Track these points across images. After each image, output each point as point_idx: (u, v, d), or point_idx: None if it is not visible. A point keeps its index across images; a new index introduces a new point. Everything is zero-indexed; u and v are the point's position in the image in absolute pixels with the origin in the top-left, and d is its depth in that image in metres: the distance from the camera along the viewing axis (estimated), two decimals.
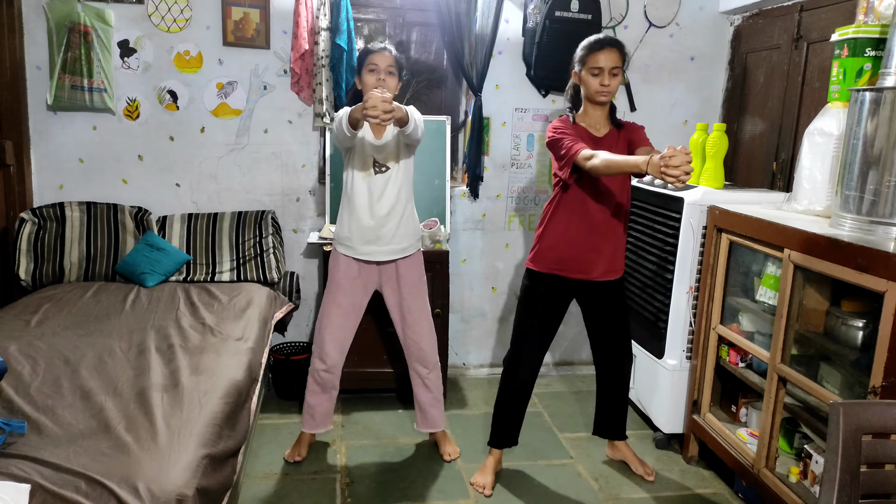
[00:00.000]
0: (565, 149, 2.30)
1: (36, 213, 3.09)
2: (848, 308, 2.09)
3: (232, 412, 2.02)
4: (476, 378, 3.71)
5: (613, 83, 2.35)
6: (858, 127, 2.04)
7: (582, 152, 2.24)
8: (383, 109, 2.14)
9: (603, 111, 2.44)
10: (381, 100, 2.14)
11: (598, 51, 2.33)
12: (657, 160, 1.93)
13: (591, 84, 2.35)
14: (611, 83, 2.34)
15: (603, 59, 2.32)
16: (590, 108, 2.44)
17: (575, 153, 2.25)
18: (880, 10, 2.26)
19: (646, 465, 2.75)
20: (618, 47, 2.35)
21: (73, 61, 3.08)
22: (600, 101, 2.38)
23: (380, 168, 2.50)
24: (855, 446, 1.40)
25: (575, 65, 2.42)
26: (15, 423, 1.70)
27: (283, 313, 3.20)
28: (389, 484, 2.62)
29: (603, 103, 2.40)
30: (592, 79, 2.35)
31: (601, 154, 2.18)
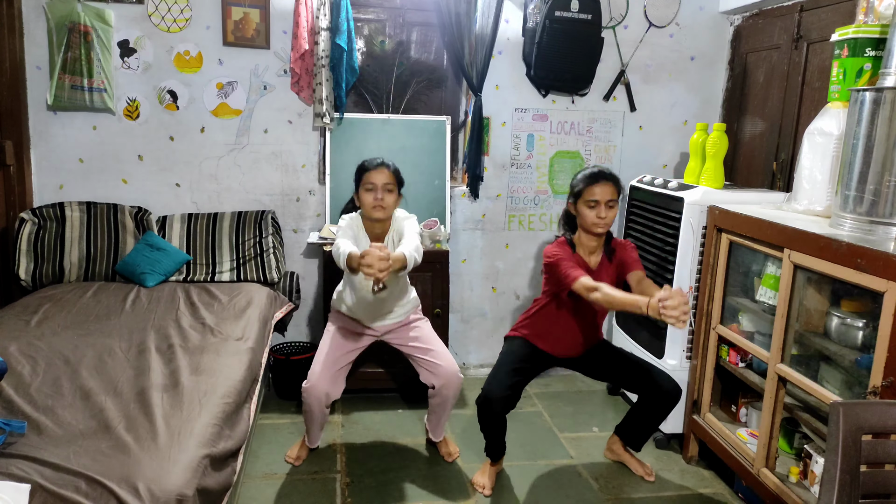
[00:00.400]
0: (565, 273, 2.36)
1: (36, 213, 3.09)
2: (848, 308, 2.09)
3: (232, 412, 2.02)
4: (476, 378, 3.71)
5: (609, 215, 2.42)
6: (858, 127, 2.04)
7: (583, 281, 2.30)
8: (379, 269, 2.16)
9: (598, 241, 2.52)
10: (377, 258, 2.15)
11: (594, 184, 2.41)
12: (655, 302, 2.03)
13: (588, 216, 2.42)
14: (607, 215, 2.41)
15: (599, 192, 2.40)
16: (584, 237, 2.50)
17: (574, 280, 2.32)
18: (880, 10, 2.26)
19: (645, 466, 2.75)
20: (613, 181, 2.44)
21: (73, 61, 3.08)
22: (597, 233, 2.45)
23: (381, 289, 2.49)
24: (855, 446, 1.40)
25: (570, 196, 2.51)
26: (15, 423, 1.70)
27: (283, 313, 3.20)
28: (389, 484, 2.62)
29: (599, 235, 2.47)
30: (589, 211, 2.42)
31: (604, 288, 2.25)
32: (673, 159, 3.75)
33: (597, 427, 3.15)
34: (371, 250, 2.18)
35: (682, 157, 3.73)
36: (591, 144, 3.66)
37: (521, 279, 3.75)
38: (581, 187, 2.44)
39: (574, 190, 2.48)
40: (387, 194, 2.49)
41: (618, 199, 2.45)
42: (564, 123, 3.61)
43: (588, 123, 3.63)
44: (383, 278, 2.19)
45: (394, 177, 2.51)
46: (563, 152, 3.65)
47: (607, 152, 3.69)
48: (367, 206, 2.49)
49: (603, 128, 3.65)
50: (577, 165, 3.67)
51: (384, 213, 2.50)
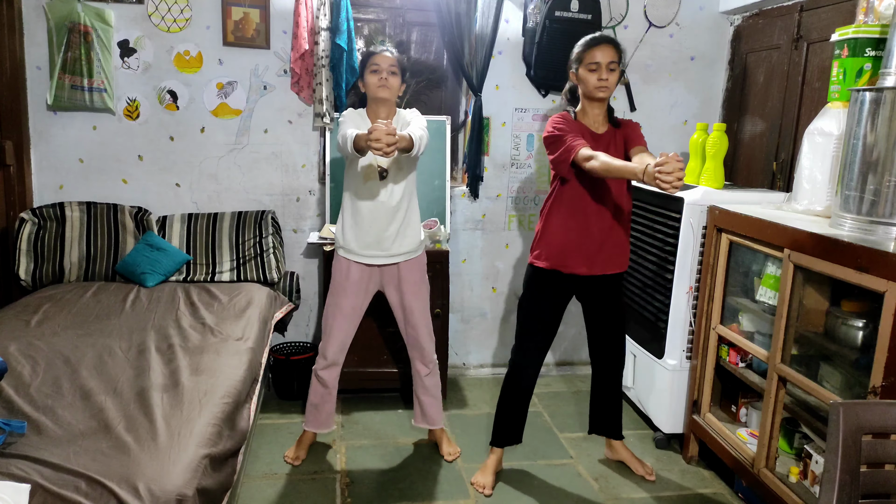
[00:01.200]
0: (565, 145, 2.31)
1: (36, 213, 3.09)
2: (848, 308, 2.10)
3: (232, 412, 2.02)
4: (476, 378, 3.71)
5: (611, 78, 2.36)
6: (858, 127, 2.04)
7: (582, 151, 2.26)
8: (387, 143, 2.15)
9: (601, 109, 2.46)
10: (384, 132, 2.15)
11: (595, 47, 2.36)
12: (651, 169, 1.98)
13: (590, 80, 2.37)
14: (609, 78, 2.35)
15: (600, 54, 2.34)
16: (588, 106, 2.45)
17: (574, 150, 2.28)
18: (880, 10, 2.26)
19: (645, 465, 2.75)
20: (613, 44, 2.38)
21: (73, 61, 3.08)
22: (599, 98, 2.39)
23: (383, 174, 2.49)
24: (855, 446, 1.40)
25: (572, 64, 2.44)
26: (15, 423, 1.70)
27: (283, 313, 3.20)
28: (389, 484, 2.62)
29: (602, 99, 2.41)
30: (590, 74, 2.36)
31: (601, 156, 2.20)
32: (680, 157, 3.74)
33: None
34: (377, 125, 2.17)
35: (682, 157, 3.72)
36: None
37: (521, 279, 3.73)
38: (582, 51, 2.39)
39: (575, 55, 2.42)
40: (391, 76, 2.50)
41: (619, 63, 2.38)
42: None
43: None
44: (391, 153, 2.17)
45: (398, 62, 2.53)
46: None
47: None
48: (373, 86, 2.50)
49: None
50: None
51: (389, 93, 2.50)
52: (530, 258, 2.58)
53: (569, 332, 3.79)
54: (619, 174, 2.17)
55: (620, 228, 2.49)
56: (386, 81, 2.48)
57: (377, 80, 2.48)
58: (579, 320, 2.82)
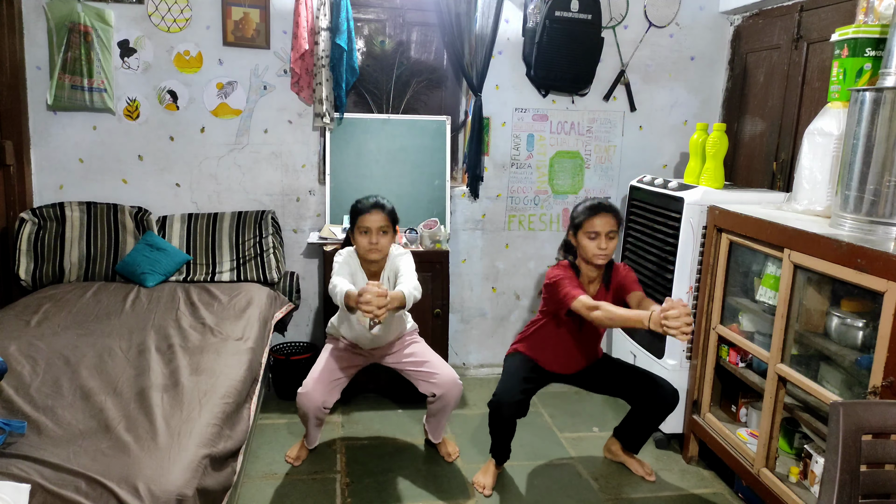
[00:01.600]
0: (565, 292, 2.38)
1: (36, 213, 3.09)
2: (848, 308, 2.09)
3: (232, 412, 2.02)
4: (476, 378, 3.71)
5: (610, 246, 2.43)
6: (858, 127, 2.04)
7: (583, 300, 2.32)
8: (378, 305, 2.17)
9: (598, 269, 2.53)
10: (375, 295, 2.16)
11: (595, 216, 2.42)
12: (658, 315, 2.05)
13: (589, 248, 2.43)
14: (608, 246, 2.42)
15: (599, 223, 2.41)
16: (584, 267, 2.52)
17: (574, 298, 2.34)
18: (880, 10, 2.25)
19: (645, 466, 2.75)
20: (613, 212, 2.45)
21: (73, 61, 3.08)
22: (597, 265, 2.46)
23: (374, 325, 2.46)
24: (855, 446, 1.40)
25: (570, 227, 2.52)
26: (15, 423, 1.70)
27: (283, 313, 3.20)
28: (389, 484, 2.62)
29: (600, 266, 2.48)
30: (590, 242, 2.43)
31: (605, 306, 2.27)
32: (673, 159, 3.75)
33: (597, 427, 3.15)
34: (369, 288, 2.18)
35: (682, 157, 3.73)
36: (591, 144, 3.66)
37: (521, 279, 3.75)
38: (581, 219, 2.45)
39: (574, 221, 2.49)
40: (381, 237, 2.50)
41: (618, 231, 2.46)
42: (564, 123, 3.61)
43: (588, 123, 3.63)
44: (382, 317, 2.20)
45: (388, 218, 2.52)
46: (563, 152, 3.65)
47: (607, 152, 3.69)
48: (363, 250, 2.53)
49: (603, 128, 3.65)
50: (578, 165, 3.67)
51: (379, 255, 2.54)
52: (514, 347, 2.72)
53: None
54: (624, 324, 2.25)
55: (599, 342, 2.68)
56: (376, 245, 2.50)
57: (367, 244, 2.50)
58: None
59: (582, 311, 2.31)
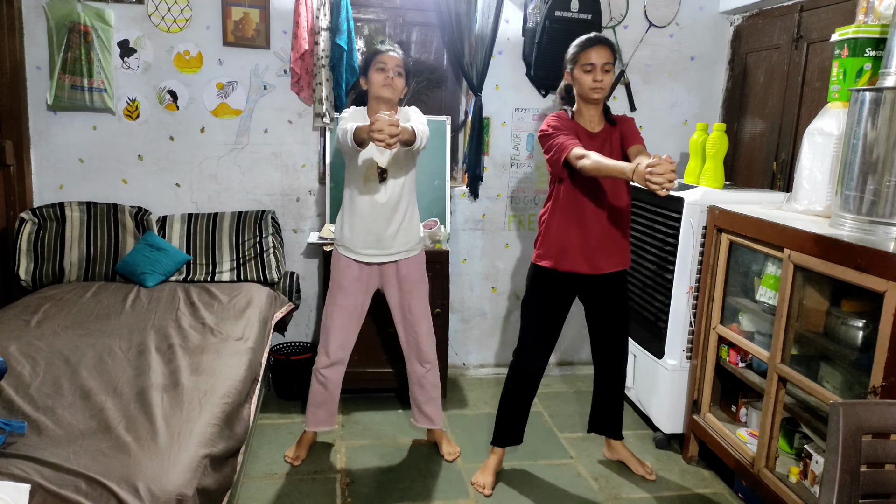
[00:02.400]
0: (558, 144, 2.32)
1: (36, 213, 3.09)
2: (848, 308, 2.09)
3: (232, 412, 2.02)
4: (476, 378, 3.71)
5: (606, 79, 2.37)
6: (858, 127, 2.04)
7: (574, 150, 2.25)
8: (389, 133, 2.11)
9: (597, 110, 2.46)
10: (387, 123, 2.11)
11: (590, 48, 2.36)
12: (643, 168, 1.96)
13: (585, 81, 2.37)
14: (604, 79, 2.36)
15: (595, 55, 2.35)
16: (583, 106, 2.45)
17: (566, 149, 2.27)
18: (880, 10, 2.25)
19: (645, 465, 2.75)
20: (608, 44, 2.38)
21: (73, 61, 3.08)
22: (594, 98, 2.39)
23: (383, 174, 2.48)
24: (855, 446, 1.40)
25: (567, 64, 2.44)
26: (15, 423, 1.70)
27: (283, 313, 3.20)
28: (389, 484, 2.62)
29: (597, 100, 2.41)
30: (585, 75, 2.37)
31: (592, 155, 2.19)
32: (673, 159, 3.74)
33: None
34: (380, 115, 2.14)
35: (682, 157, 3.73)
36: None
37: (521, 279, 3.75)
38: (577, 52, 2.39)
39: (570, 56, 2.42)
40: (397, 77, 2.49)
41: (614, 64, 2.38)
42: None
43: None
44: (393, 144, 2.14)
45: (403, 64, 2.52)
46: None
47: None
48: (377, 84, 2.48)
49: None
50: None
51: (393, 93, 2.49)
52: (533, 257, 2.58)
53: (569, 331, 3.79)
54: (609, 173, 2.14)
55: (619, 226, 2.48)
56: (391, 81, 2.47)
57: (382, 79, 2.47)
58: (579, 320, 2.83)
59: (573, 162, 2.24)
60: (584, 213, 2.43)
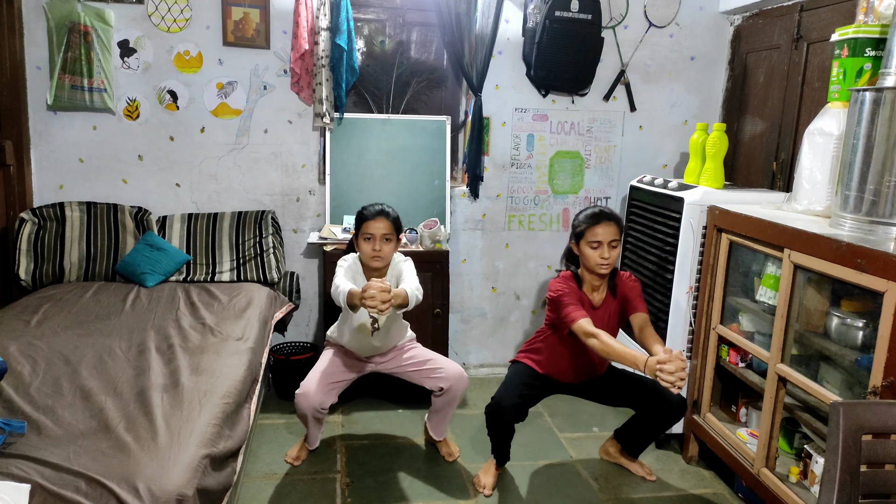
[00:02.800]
0: (566, 313, 2.36)
1: (36, 213, 3.09)
2: (848, 308, 2.09)
3: (232, 412, 2.02)
4: (476, 378, 3.71)
5: (613, 255, 2.42)
6: (858, 127, 2.04)
7: (582, 324, 2.30)
8: (381, 300, 2.17)
9: (602, 281, 2.51)
10: (379, 290, 2.17)
11: (596, 225, 2.40)
12: (654, 364, 2.03)
13: (591, 257, 2.42)
14: (610, 255, 2.40)
15: (602, 232, 2.39)
16: (588, 277, 2.50)
17: (573, 322, 2.33)
18: (880, 10, 2.25)
19: (644, 466, 2.75)
20: (615, 220, 2.43)
21: (73, 61, 3.08)
22: (600, 273, 2.44)
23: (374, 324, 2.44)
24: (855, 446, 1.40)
25: (572, 236, 2.50)
26: (15, 423, 1.70)
27: (284, 313, 3.20)
28: (389, 484, 2.62)
29: (603, 276, 2.46)
30: (592, 252, 2.41)
31: (602, 336, 2.24)
32: (673, 159, 3.75)
33: (597, 427, 3.15)
34: (372, 283, 2.20)
35: (682, 157, 3.73)
36: (591, 144, 3.66)
37: (521, 279, 3.75)
38: (583, 228, 2.44)
39: (576, 230, 2.48)
40: (385, 244, 2.52)
41: (620, 239, 2.45)
42: (564, 123, 3.61)
43: (588, 123, 3.63)
44: (385, 311, 2.20)
45: (393, 226, 2.54)
46: (563, 152, 3.65)
47: (607, 152, 3.68)
48: (366, 256, 2.54)
49: (603, 128, 3.65)
50: (578, 165, 3.67)
51: (382, 263, 2.56)
52: (520, 356, 2.67)
53: None
54: (618, 360, 2.21)
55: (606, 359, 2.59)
56: (380, 252, 2.52)
57: (370, 251, 2.52)
58: None
59: (580, 335, 2.31)
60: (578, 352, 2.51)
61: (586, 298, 2.49)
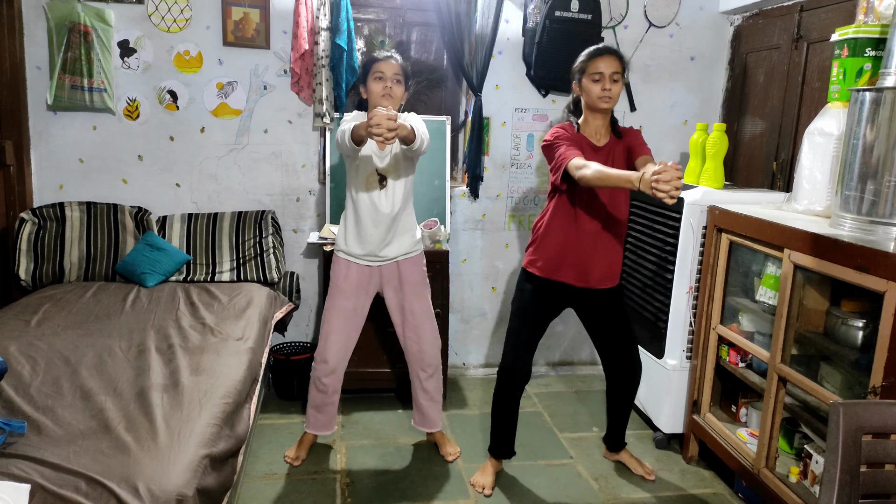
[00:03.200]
0: (559, 154, 2.30)
1: (36, 213, 3.09)
2: (848, 308, 2.10)
3: (232, 412, 2.02)
4: (476, 378, 3.71)
5: (615, 89, 2.35)
6: (858, 127, 2.04)
7: (573, 160, 2.22)
8: (388, 127, 2.10)
9: (604, 120, 2.43)
10: (385, 117, 2.10)
11: (598, 57, 2.35)
12: (648, 176, 1.92)
13: (593, 90, 2.35)
14: (612, 88, 2.34)
15: (603, 64, 2.33)
16: (591, 116, 2.43)
17: (566, 160, 2.25)
18: (880, 10, 2.26)
19: (644, 465, 2.75)
20: (617, 55, 2.37)
21: (73, 61, 3.08)
22: (602, 108, 2.36)
23: (383, 181, 2.45)
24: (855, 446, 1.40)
25: (574, 75, 2.43)
26: (15, 423, 1.70)
27: (283, 313, 3.20)
28: (389, 484, 2.62)
29: (605, 110, 2.39)
30: (594, 85, 2.35)
31: (593, 165, 2.16)
32: (673, 159, 3.75)
33: (597, 427, 3.15)
34: (377, 110, 2.13)
35: (682, 157, 3.73)
36: None
37: None
38: (585, 62, 2.38)
39: (577, 67, 2.41)
40: (395, 85, 2.48)
41: (622, 74, 2.36)
42: None
43: None
44: (391, 139, 2.13)
45: (402, 70, 2.50)
46: None
47: None
48: (376, 95, 2.47)
49: None
50: None
51: (392, 102, 2.48)
52: (524, 262, 2.57)
53: (569, 332, 3.79)
54: (613, 183, 2.10)
55: (614, 242, 2.46)
56: (390, 90, 2.46)
57: (381, 89, 2.46)
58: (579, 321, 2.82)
59: (573, 172, 2.20)
60: (580, 225, 2.41)
61: (586, 141, 2.40)
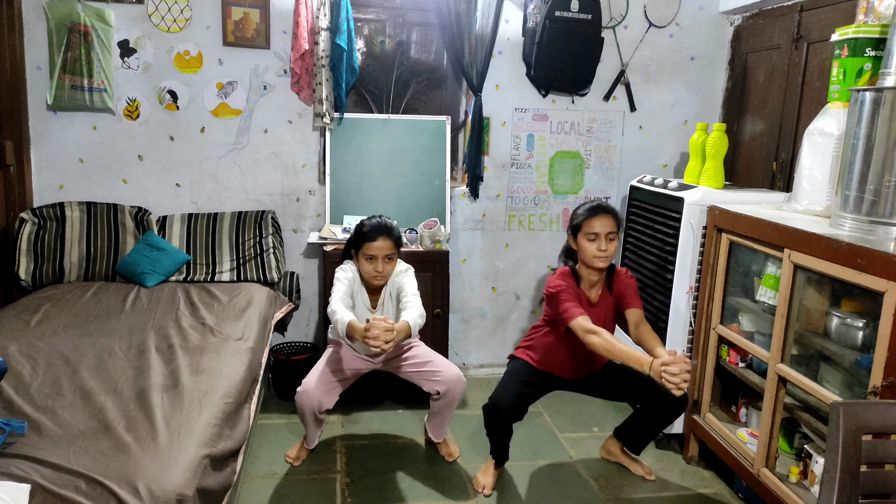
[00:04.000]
0: (563, 310, 2.37)
1: (36, 213, 3.09)
2: (848, 308, 2.09)
3: (232, 412, 2.02)
4: (476, 378, 3.71)
5: (611, 248, 2.42)
6: (858, 127, 2.04)
7: (581, 322, 2.31)
8: (385, 340, 2.16)
9: (600, 274, 2.51)
10: (383, 330, 2.16)
11: (594, 217, 2.41)
12: (658, 366, 2.05)
13: (589, 249, 2.42)
14: (608, 248, 2.40)
15: (598, 225, 2.39)
16: (586, 271, 2.50)
17: (570, 318, 2.33)
18: (880, 10, 2.26)
19: (644, 465, 2.75)
20: (612, 213, 2.44)
21: (73, 61, 3.08)
22: (598, 267, 2.44)
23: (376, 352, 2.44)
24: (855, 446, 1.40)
25: (570, 230, 2.50)
26: (15, 423, 1.70)
27: (283, 313, 3.20)
28: (389, 484, 2.62)
29: (600, 269, 2.46)
30: (590, 244, 2.41)
31: (603, 334, 2.25)
32: (673, 159, 3.75)
33: (597, 427, 3.15)
34: (376, 322, 2.18)
35: (682, 157, 3.73)
36: (591, 144, 3.66)
37: (521, 279, 3.75)
38: (580, 220, 2.44)
39: (573, 223, 2.48)
40: (387, 264, 2.52)
41: (618, 232, 2.45)
42: (564, 123, 3.61)
43: (588, 123, 3.63)
44: (388, 350, 2.20)
45: (395, 245, 2.54)
46: (564, 152, 3.65)
47: (607, 152, 3.69)
48: (367, 276, 2.55)
49: (603, 128, 3.65)
50: (578, 165, 3.67)
51: (383, 281, 2.57)
52: (518, 352, 2.66)
53: None
54: (620, 360, 2.21)
55: None
56: (381, 273, 2.52)
57: (372, 272, 2.52)
58: None
59: (579, 333, 2.30)
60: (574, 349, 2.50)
61: (584, 295, 2.50)
